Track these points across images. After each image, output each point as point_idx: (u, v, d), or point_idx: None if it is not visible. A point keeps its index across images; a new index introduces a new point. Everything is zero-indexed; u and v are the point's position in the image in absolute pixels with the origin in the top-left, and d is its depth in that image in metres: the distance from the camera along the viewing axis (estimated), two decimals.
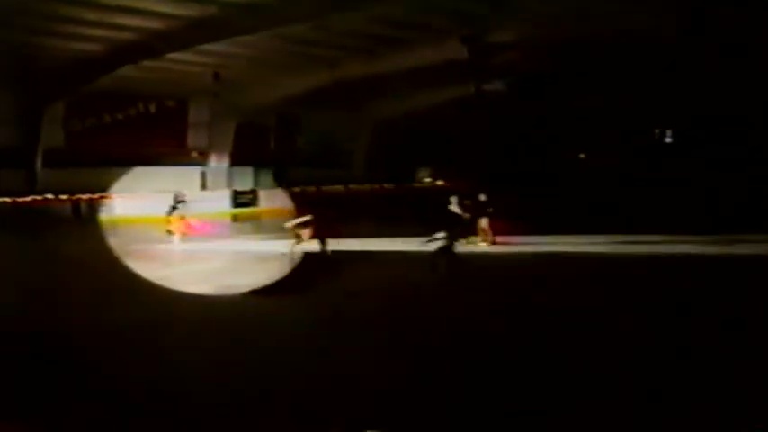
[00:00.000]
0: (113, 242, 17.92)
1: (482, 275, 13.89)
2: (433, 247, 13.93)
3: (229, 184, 30.66)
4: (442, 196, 18.87)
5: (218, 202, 27.50)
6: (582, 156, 41.84)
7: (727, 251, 15.45)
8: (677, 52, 23.90)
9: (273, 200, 27.71)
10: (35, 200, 24.67)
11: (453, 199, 18.27)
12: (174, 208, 19.99)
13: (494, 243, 17.83)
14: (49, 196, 25.00)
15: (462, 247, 16.03)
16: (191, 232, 19.82)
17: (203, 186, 30.04)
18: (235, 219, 27.36)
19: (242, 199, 29.19)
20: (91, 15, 18.65)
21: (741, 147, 31.49)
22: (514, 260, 16.07)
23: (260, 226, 24.24)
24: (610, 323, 9.77)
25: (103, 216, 23.70)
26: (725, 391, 6.94)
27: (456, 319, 10.28)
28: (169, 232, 19.48)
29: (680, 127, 38.48)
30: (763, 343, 8.46)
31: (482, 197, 18.50)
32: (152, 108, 29.47)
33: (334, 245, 15.84)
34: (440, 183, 36.67)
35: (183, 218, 19.86)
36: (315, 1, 18.64)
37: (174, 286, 12.48)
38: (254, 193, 29.80)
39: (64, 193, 25.32)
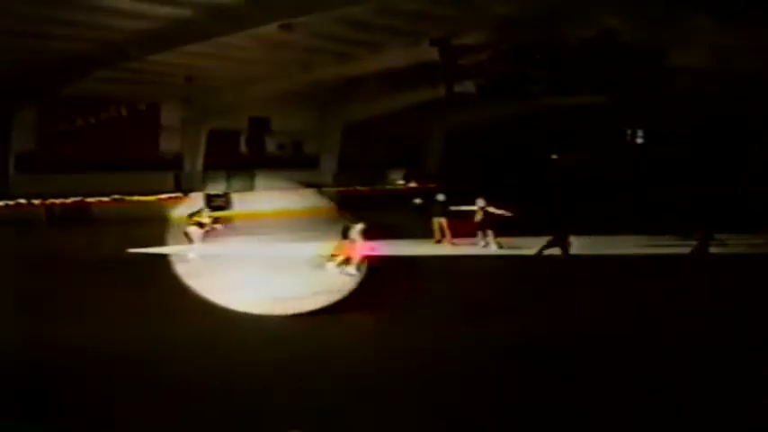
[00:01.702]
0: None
1: None
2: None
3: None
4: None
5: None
6: (554, 156, 42.43)
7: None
8: (649, 54, 24.29)
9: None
10: (8, 205, 24.58)
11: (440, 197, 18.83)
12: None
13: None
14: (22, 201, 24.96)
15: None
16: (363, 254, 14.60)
17: (177, 188, 29.93)
18: None
19: (216, 202, 29.30)
20: (61, 16, 18.59)
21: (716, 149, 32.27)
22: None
23: None
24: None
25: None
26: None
27: None
28: (333, 257, 14.67)
29: (652, 128, 39.13)
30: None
31: (440, 197, 18.91)
32: (124, 112, 29.37)
33: None
34: (412, 185, 36.97)
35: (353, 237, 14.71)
36: (286, 3, 18.89)
37: None
38: (226, 196, 30.01)
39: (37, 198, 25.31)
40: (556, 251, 15.20)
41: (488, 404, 7.00)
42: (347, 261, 14.20)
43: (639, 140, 40.70)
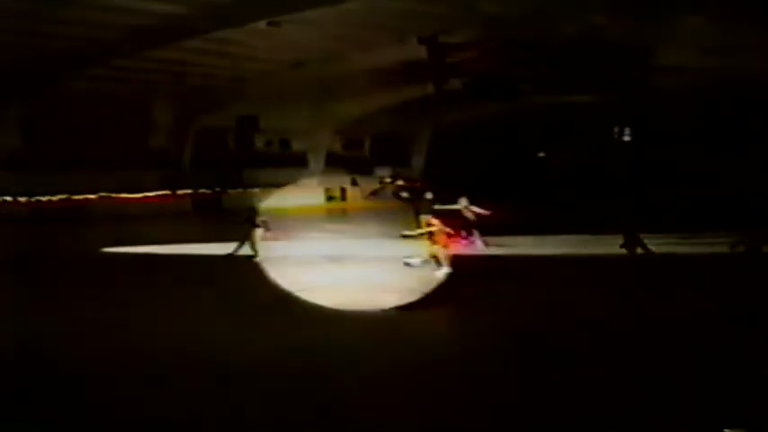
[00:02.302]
0: None
1: None
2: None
3: None
4: None
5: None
6: (542, 155, 42.65)
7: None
8: (636, 50, 24.42)
9: None
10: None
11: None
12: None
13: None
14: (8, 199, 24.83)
15: None
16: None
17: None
18: None
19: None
20: (50, 13, 18.48)
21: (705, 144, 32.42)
22: None
23: None
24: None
25: None
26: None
27: None
28: (435, 259, 13.57)
29: (640, 125, 39.32)
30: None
31: (428, 195, 18.92)
32: (114, 110, 29.17)
33: None
34: (399, 182, 37.06)
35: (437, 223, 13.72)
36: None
37: None
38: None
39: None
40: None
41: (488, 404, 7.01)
42: (437, 259, 13.61)
43: (627, 138, 40.82)
